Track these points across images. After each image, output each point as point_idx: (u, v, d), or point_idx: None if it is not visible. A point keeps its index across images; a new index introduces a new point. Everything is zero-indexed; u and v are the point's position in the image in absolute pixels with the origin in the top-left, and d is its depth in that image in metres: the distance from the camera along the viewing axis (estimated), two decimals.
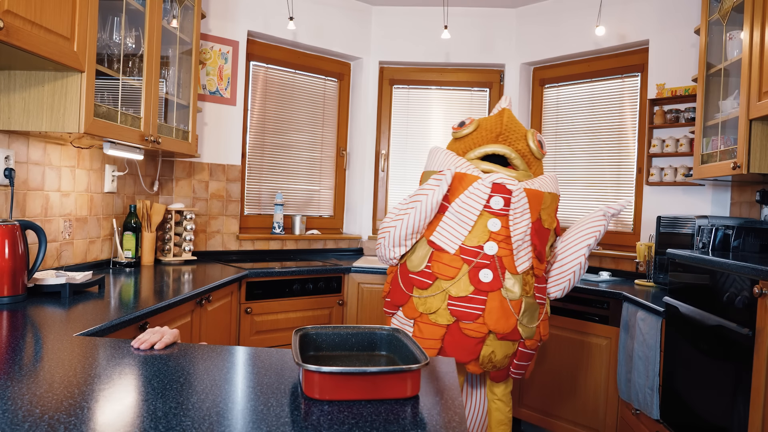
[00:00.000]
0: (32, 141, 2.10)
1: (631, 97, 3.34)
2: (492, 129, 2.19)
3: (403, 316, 2.24)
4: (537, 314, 2.15)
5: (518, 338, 2.11)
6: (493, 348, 2.11)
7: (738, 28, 2.40)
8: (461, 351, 2.10)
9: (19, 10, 1.50)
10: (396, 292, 2.25)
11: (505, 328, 2.07)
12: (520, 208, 2.07)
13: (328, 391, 0.98)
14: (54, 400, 0.95)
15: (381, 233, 2.23)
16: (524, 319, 2.10)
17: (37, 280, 1.86)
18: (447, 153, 2.21)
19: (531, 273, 2.13)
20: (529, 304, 2.11)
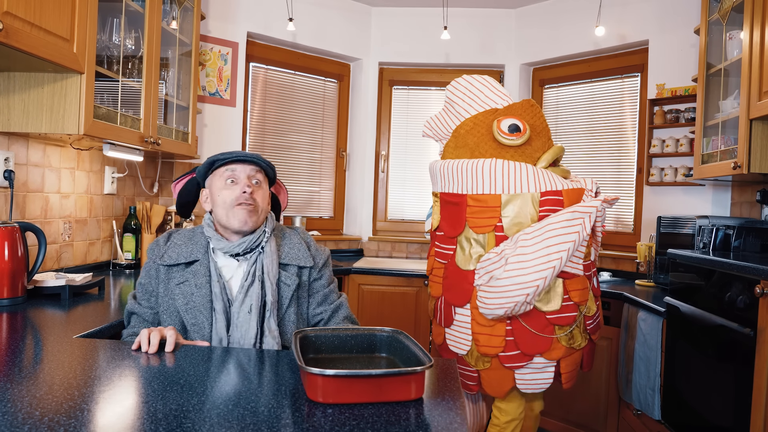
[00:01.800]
0: (32, 143, 2.10)
1: (631, 98, 3.34)
2: (541, 130, 1.99)
3: (544, 361, 1.93)
4: None
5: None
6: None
7: (738, 28, 2.40)
8: (592, 361, 2.08)
9: (18, 11, 1.50)
10: (532, 341, 1.90)
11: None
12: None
13: (331, 394, 0.98)
14: (54, 402, 0.94)
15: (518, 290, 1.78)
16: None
17: (37, 282, 1.86)
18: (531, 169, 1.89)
19: None
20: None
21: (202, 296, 1.40)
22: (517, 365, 1.94)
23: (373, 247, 3.89)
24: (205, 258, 1.45)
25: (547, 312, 1.88)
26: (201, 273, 1.42)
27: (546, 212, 1.86)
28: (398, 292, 3.18)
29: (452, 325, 2.02)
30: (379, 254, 3.88)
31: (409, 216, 3.96)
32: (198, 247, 1.46)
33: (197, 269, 1.43)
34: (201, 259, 1.44)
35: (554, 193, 1.86)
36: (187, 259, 1.44)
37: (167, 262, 1.45)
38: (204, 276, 1.42)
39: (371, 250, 3.89)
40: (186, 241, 1.48)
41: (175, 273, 1.44)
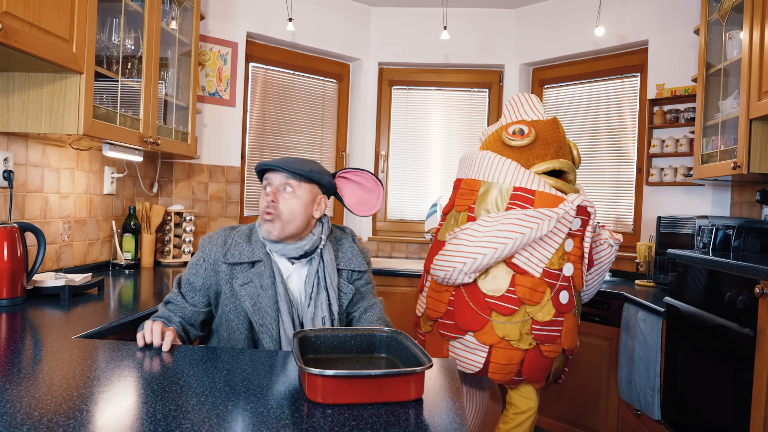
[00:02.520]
0: (31, 143, 2.10)
1: (631, 98, 3.33)
2: (552, 141, 2.08)
3: (475, 342, 2.05)
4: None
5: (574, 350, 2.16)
6: (558, 363, 2.13)
7: (737, 28, 2.40)
8: (538, 372, 2.07)
9: (17, 11, 1.50)
10: (466, 315, 2.05)
11: (573, 344, 2.09)
12: (592, 228, 2.07)
13: (331, 395, 0.98)
14: (53, 403, 0.94)
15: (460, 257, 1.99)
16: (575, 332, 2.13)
17: (36, 283, 1.86)
18: (517, 166, 2.05)
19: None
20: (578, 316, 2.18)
21: (269, 297, 1.41)
22: (451, 336, 2.09)
23: (372, 248, 3.88)
24: (267, 259, 1.45)
25: (486, 293, 2.01)
26: (266, 274, 1.43)
27: (513, 206, 2.01)
28: (398, 292, 3.17)
29: (422, 290, 2.26)
30: (379, 254, 3.88)
31: (408, 216, 3.96)
32: (258, 246, 1.46)
33: (261, 270, 1.43)
34: (264, 260, 1.44)
35: (526, 191, 2.00)
36: (250, 258, 1.44)
37: (230, 261, 1.44)
38: (269, 277, 1.43)
39: (371, 250, 3.89)
40: (246, 240, 1.47)
41: (239, 273, 1.44)
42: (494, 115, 3.87)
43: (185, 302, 1.49)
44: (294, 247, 1.45)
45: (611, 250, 2.15)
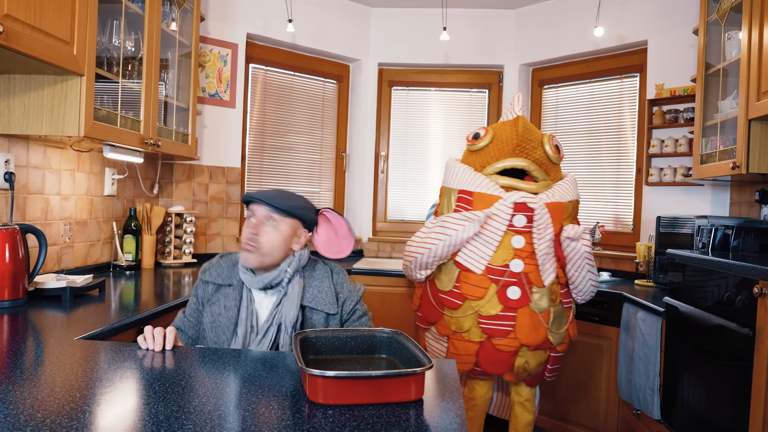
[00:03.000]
0: (32, 145, 2.10)
1: (630, 98, 3.34)
2: (508, 140, 2.14)
3: (436, 333, 2.31)
4: (565, 319, 2.21)
5: (549, 346, 2.18)
6: (527, 358, 2.16)
7: (736, 29, 2.40)
8: (496, 365, 2.16)
9: (18, 14, 1.50)
10: (427, 308, 2.30)
11: (536, 340, 2.12)
12: (542, 225, 2.10)
13: (332, 396, 0.98)
14: (56, 404, 0.95)
15: (408, 255, 2.26)
16: (553, 327, 2.15)
17: (38, 284, 1.86)
18: (465, 170, 2.19)
19: (557, 282, 2.18)
20: (557, 312, 2.17)
21: (228, 318, 1.49)
22: (422, 327, 2.40)
23: (372, 248, 3.89)
24: (239, 284, 1.53)
25: (439, 289, 2.23)
26: (232, 297, 1.52)
27: (458, 208, 2.18)
28: (398, 292, 3.18)
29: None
30: (379, 255, 3.88)
31: (408, 216, 3.96)
32: (236, 273, 1.55)
33: (229, 293, 1.53)
34: (235, 285, 1.53)
35: (467, 193, 2.16)
36: (224, 281, 1.54)
37: (205, 278, 1.56)
38: (234, 300, 1.51)
39: (371, 250, 3.89)
40: (230, 266, 1.57)
41: (211, 293, 1.55)
42: (494, 116, 3.87)
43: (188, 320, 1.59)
44: (257, 279, 1.50)
45: (573, 244, 2.12)
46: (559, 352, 2.24)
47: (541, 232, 2.09)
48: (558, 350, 2.23)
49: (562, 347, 2.23)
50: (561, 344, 2.22)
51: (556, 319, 2.16)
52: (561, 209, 2.13)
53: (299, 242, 1.54)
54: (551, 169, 2.19)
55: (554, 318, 2.15)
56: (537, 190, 2.13)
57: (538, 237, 2.09)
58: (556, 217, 2.12)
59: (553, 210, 2.11)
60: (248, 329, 1.48)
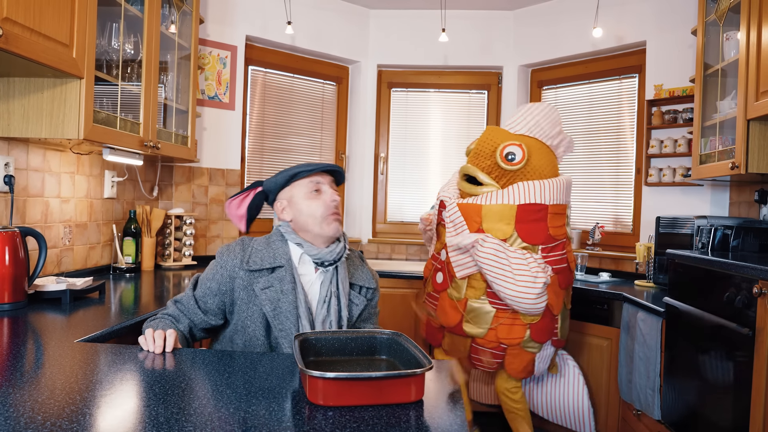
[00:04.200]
0: (32, 147, 2.11)
1: (629, 98, 3.34)
2: (472, 150, 2.42)
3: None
4: (490, 318, 2.30)
5: (464, 334, 2.36)
6: (450, 339, 2.44)
7: (735, 29, 2.41)
8: (432, 337, 2.56)
9: (18, 17, 1.51)
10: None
11: (448, 323, 2.39)
12: (454, 221, 2.34)
13: (332, 397, 0.98)
14: (56, 407, 0.95)
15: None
16: (470, 319, 2.33)
17: (38, 287, 1.86)
18: (452, 178, 2.60)
19: (480, 279, 2.31)
20: (475, 308, 2.33)
21: (289, 302, 1.43)
22: None
23: (372, 249, 3.89)
24: (288, 265, 1.47)
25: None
26: (287, 279, 1.45)
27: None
28: (398, 294, 3.18)
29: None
30: (379, 256, 3.88)
31: (408, 218, 3.96)
32: (280, 253, 1.48)
33: (283, 275, 1.45)
34: (285, 266, 1.46)
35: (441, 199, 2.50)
36: (272, 264, 1.45)
37: (252, 267, 1.45)
38: (290, 282, 1.44)
39: (371, 252, 3.89)
40: (266, 247, 1.49)
41: (259, 278, 1.45)
42: (493, 117, 3.88)
43: (197, 307, 1.50)
44: (329, 251, 1.48)
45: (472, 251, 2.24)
46: (482, 346, 2.35)
47: (452, 229, 2.34)
48: (479, 343, 2.35)
49: (484, 342, 2.34)
50: (481, 339, 2.34)
51: (474, 314, 2.32)
52: (476, 211, 2.27)
53: None
54: (504, 175, 2.31)
55: (472, 311, 2.32)
56: (476, 192, 2.34)
57: (448, 232, 2.36)
58: (471, 218, 2.28)
59: (465, 211, 2.29)
60: (307, 311, 1.44)
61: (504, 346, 2.32)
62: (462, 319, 2.34)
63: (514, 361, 2.35)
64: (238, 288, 1.46)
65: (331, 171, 1.53)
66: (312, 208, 1.47)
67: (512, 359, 2.35)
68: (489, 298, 2.30)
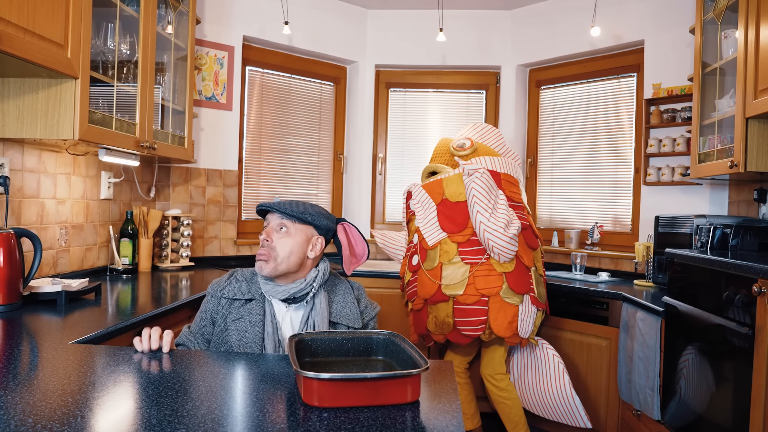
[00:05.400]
0: (27, 148, 2.10)
1: (628, 97, 3.34)
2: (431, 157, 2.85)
3: None
4: (465, 273, 2.45)
5: (445, 298, 2.46)
6: (433, 313, 2.51)
7: (733, 27, 2.40)
8: (418, 325, 2.63)
9: (11, 17, 1.50)
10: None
11: (429, 293, 2.50)
12: (421, 201, 2.63)
13: (327, 398, 0.97)
14: (48, 409, 0.94)
15: None
16: (446, 281, 2.46)
17: (33, 288, 1.85)
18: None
19: (449, 240, 2.50)
20: (450, 269, 2.47)
21: (255, 334, 1.46)
22: None
23: (371, 250, 3.88)
24: (261, 298, 1.51)
25: None
26: (256, 312, 1.49)
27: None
28: (396, 294, 3.17)
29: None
30: (377, 257, 3.87)
31: None
32: (256, 287, 1.53)
33: (253, 308, 1.49)
34: (257, 299, 1.51)
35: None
36: (245, 296, 1.51)
37: (227, 296, 1.51)
38: (258, 315, 1.48)
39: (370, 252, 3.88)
40: (247, 280, 1.55)
41: (234, 308, 1.51)
42: (491, 117, 3.87)
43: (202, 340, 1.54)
44: (281, 289, 1.48)
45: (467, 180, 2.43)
46: (464, 304, 2.43)
47: (420, 207, 2.62)
48: (460, 301, 2.43)
49: (465, 298, 2.42)
50: (462, 295, 2.43)
51: (450, 273, 2.46)
52: (437, 185, 2.60)
53: (315, 249, 1.52)
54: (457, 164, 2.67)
55: (447, 274, 2.46)
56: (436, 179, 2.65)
57: (418, 211, 2.62)
58: (435, 192, 2.59)
59: (429, 188, 2.62)
60: (276, 344, 1.46)
61: (485, 299, 2.41)
62: (440, 284, 2.47)
63: (498, 316, 2.41)
64: (218, 315, 1.52)
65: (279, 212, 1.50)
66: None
67: (496, 314, 2.41)
68: (461, 256, 2.47)
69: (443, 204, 2.56)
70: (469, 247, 2.48)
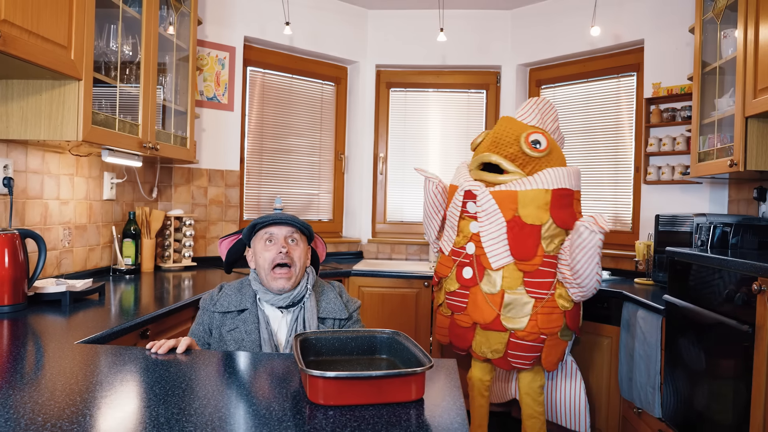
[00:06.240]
0: (31, 150, 2.11)
1: (628, 97, 3.35)
2: (488, 138, 2.36)
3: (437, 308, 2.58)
4: (529, 309, 2.22)
5: (502, 329, 2.24)
6: (483, 338, 2.30)
7: (732, 27, 2.41)
8: (459, 339, 2.40)
9: (15, 19, 1.51)
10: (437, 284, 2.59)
11: (485, 319, 2.26)
12: (487, 210, 2.24)
13: (332, 396, 0.98)
14: (56, 408, 0.95)
15: None
16: (507, 312, 2.22)
17: (38, 289, 1.86)
18: (458, 169, 2.48)
19: (516, 269, 2.22)
20: (513, 300, 2.23)
21: (252, 341, 1.52)
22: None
23: (372, 249, 3.89)
24: (254, 307, 1.57)
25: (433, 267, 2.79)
26: (250, 320, 1.55)
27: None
28: (398, 293, 3.18)
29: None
30: (379, 256, 3.88)
31: (408, 218, 3.96)
32: (247, 297, 1.59)
33: (247, 317, 1.55)
34: (250, 308, 1.57)
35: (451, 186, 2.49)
36: (238, 307, 1.57)
37: (219, 309, 1.57)
38: (253, 323, 1.54)
39: (371, 252, 3.89)
40: (236, 292, 1.61)
41: (227, 320, 1.57)
42: (492, 116, 3.88)
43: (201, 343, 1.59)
44: (284, 297, 1.56)
45: (586, 234, 2.07)
46: (522, 339, 2.24)
47: (486, 218, 2.25)
48: (519, 336, 2.23)
49: (525, 334, 2.23)
50: (522, 331, 2.22)
51: (510, 305, 2.22)
52: (511, 197, 2.21)
53: (309, 258, 1.63)
54: (529, 162, 2.26)
55: (508, 303, 2.22)
56: (501, 181, 2.26)
57: (482, 222, 2.26)
58: (506, 205, 2.21)
59: (502, 198, 2.22)
60: (273, 349, 1.53)
61: (543, 337, 2.24)
62: (499, 314, 2.23)
63: (551, 353, 2.30)
64: (214, 327, 1.58)
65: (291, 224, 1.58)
66: (264, 258, 1.56)
67: (549, 351, 2.29)
68: (526, 288, 2.22)
69: (514, 222, 2.21)
70: (536, 279, 2.22)
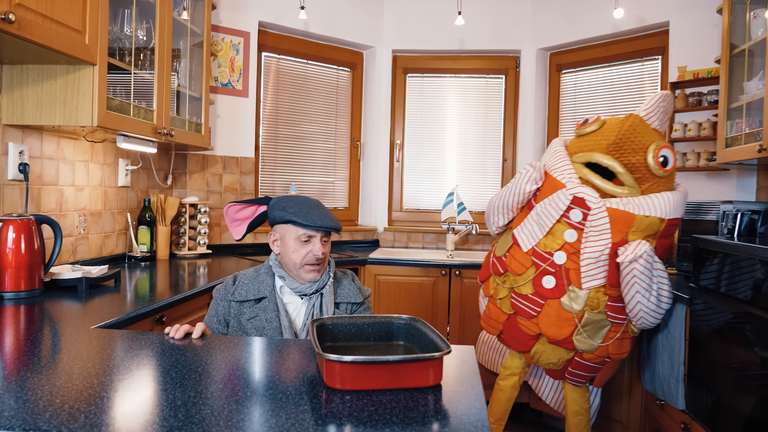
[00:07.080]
0: (46, 135, 2.11)
1: (652, 81, 3.26)
2: (608, 135, 2.08)
3: (482, 292, 2.44)
4: (605, 332, 2.11)
5: (572, 348, 2.13)
6: (545, 349, 2.18)
7: (762, 7, 2.31)
8: (515, 341, 2.26)
9: (30, 3, 1.49)
10: (485, 267, 2.43)
11: (556, 335, 2.11)
12: (597, 227, 2.01)
13: (349, 381, 0.96)
14: (74, 391, 0.94)
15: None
16: (584, 334, 2.09)
17: (54, 275, 1.87)
18: (555, 151, 2.22)
19: (604, 292, 2.07)
20: (592, 320, 2.08)
21: (273, 329, 1.54)
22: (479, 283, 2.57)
23: (389, 238, 3.86)
24: (272, 295, 1.59)
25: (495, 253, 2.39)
26: (270, 308, 1.57)
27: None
28: (415, 282, 3.15)
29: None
30: (395, 244, 3.86)
31: (425, 205, 3.92)
32: (265, 285, 1.61)
33: (266, 305, 1.57)
34: (269, 296, 1.59)
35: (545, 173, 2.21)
36: (256, 296, 1.59)
37: (237, 298, 1.58)
38: (273, 311, 1.57)
39: (387, 240, 3.87)
40: (252, 281, 1.62)
41: (246, 309, 1.58)
42: (511, 102, 3.81)
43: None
44: (308, 286, 1.59)
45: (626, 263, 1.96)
46: (587, 361, 2.17)
47: (593, 235, 2.01)
48: (585, 358, 2.16)
49: (591, 357, 2.15)
50: (590, 354, 2.14)
51: (589, 327, 2.07)
52: (627, 220, 1.98)
53: None
54: (648, 180, 2.04)
55: (586, 324, 2.07)
56: (614, 193, 2.01)
57: (587, 238, 2.03)
58: (618, 227, 1.99)
59: (616, 218, 1.98)
60: (293, 335, 1.55)
61: (608, 360, 2.18)
62: (573, 333, 2.09)
63: (606, 373, 2.28)
64: (231, 317, 1.59)
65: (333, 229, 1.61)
66: (297, 254, 1.57)
67: (605, 371, 2.27)
68: (608, 312, 2.07)
69: (619, 246, 2.02)
70: (619, 303, 2.08)
